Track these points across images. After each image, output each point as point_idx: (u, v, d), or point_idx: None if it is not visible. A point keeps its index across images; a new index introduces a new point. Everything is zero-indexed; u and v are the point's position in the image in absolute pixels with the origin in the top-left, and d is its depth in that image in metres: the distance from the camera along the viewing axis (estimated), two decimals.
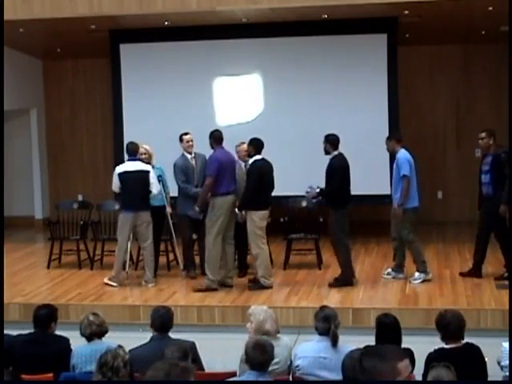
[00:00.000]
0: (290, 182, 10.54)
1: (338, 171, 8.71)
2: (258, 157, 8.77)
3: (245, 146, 9.22)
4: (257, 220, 8.66)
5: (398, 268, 9.10)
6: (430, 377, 4.29)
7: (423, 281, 8.85)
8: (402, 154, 8.92)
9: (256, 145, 8.81)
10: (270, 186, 8.86)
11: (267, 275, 8.77)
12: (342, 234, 8.77)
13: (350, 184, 8.88)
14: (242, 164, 9.29)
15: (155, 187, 9.13)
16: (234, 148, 9.36)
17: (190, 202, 9.10)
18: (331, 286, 8.83)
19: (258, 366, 4.71)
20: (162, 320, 5.67)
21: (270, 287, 8.75)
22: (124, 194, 9.12)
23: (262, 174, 8.70)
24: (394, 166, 8.99)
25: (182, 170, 9.25)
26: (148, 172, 9.10)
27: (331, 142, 8.80)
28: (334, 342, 5.31)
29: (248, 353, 4.75)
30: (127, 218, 9.03)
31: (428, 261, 9.17)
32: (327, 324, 5.35)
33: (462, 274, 9.08)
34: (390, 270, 9.17)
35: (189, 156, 9.40)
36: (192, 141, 9.40)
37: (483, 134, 8.88)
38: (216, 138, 8.88)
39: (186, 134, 9.45)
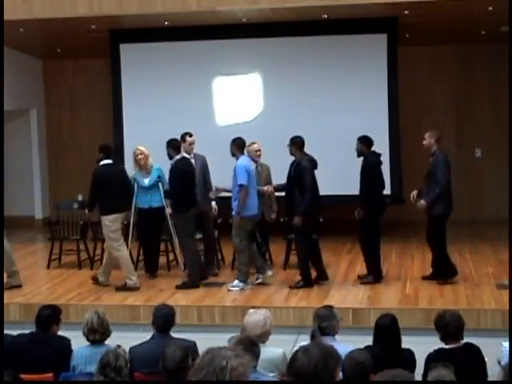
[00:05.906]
0: None
1: (178, 175, 8.80)
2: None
3: (255, 145, 9.19)
4: (109, 224, 8.85)
5: (261, 271, 9.03)
6: (431, 377, 4.27)
7: (241, 289, 8.74)
8: (241, 161, 8.69)
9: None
10: (119, 192, 8.90)
11: (130, 275, 8.90)
12: (186, 238, 8.90)
13: (193, 188, 8.95)
14: (254, 164, 9.19)
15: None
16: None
17: None
18: (178, 287, 8.88)
19: None
20: (164, 319, 5.67)
21: (135, 287, 8.84)
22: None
23: (106, 180, 8.80)
24: (233, 173, 8.75)
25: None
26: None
27: (173, 146, 8.93)
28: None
29: None
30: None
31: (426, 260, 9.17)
32: (315, 322, 5.34)
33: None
34: (257, 274, 9.05)
35: (188, 156, 9.40)
36: (194, 143, 9.41)
37: (288, 142, 8.79)
38: None
39: (191, 135, 9.42)
